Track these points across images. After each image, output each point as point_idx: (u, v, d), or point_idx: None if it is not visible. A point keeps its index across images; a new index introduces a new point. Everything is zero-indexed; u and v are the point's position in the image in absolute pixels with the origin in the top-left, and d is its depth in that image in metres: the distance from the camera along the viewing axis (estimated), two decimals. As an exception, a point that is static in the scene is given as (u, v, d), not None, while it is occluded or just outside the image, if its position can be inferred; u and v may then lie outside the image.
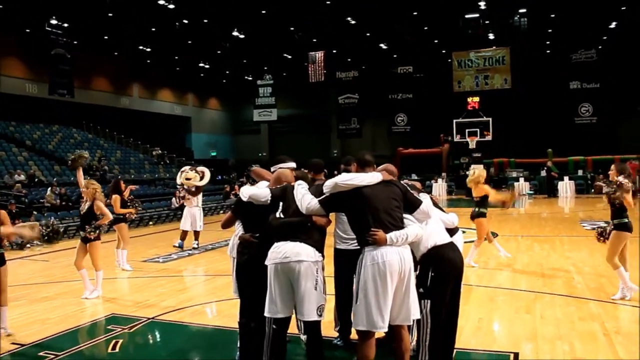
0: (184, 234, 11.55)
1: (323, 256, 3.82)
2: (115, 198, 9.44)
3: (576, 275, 7.60)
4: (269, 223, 3.87)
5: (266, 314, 3.80)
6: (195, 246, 11.46)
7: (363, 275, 3.54)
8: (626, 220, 6.07)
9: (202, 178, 11.06)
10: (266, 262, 3.77)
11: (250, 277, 4.03)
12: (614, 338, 4.90)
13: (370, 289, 3.50)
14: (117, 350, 5.01)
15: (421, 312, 3.77)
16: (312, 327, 3.77)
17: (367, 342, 3.59)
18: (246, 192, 4.05)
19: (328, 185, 3.67)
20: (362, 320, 3.52)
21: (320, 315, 3.75)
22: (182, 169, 11.32)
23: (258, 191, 3.97)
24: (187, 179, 10.95)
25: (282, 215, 3.86)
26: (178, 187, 11.65)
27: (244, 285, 4.11)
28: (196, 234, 11.59)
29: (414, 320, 3.90)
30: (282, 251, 3.69)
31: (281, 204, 3.90)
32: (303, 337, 4.91)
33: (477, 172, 8.22)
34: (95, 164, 23.09)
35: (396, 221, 3.61)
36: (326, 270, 4.01)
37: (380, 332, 3.70)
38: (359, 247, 4.19)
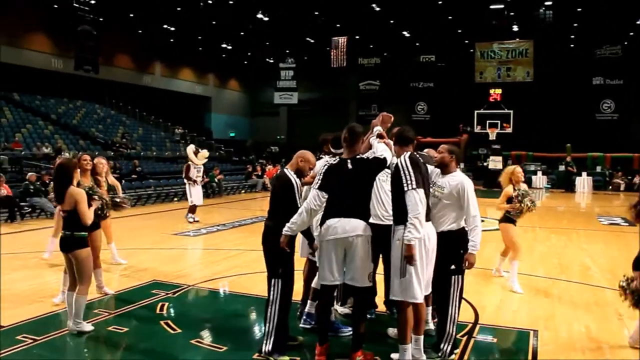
0: (194, 208, 12.29)
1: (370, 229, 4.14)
2: None
3: (592, 266, 7.86)
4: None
5: (322, 282, 4.15)
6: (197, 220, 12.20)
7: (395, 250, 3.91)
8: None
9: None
10: (325, 238, 4.06)
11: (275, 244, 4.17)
12: (627, 323, 5.16)
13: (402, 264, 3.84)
14: (164, 312, 5.41)
15: (453, 288, 4.19)
16: (362, 292, 4.14)
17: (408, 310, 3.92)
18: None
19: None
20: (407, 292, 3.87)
21: (371, 281, 4.16)
22: (192, 148, 12.30)
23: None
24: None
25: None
26: (198, 167, 12.28)
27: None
28: (196, 208, 12.41)
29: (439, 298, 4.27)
30: (339, 227, 3.99)
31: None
32: (339, 308, 5.27)
33: None
34: (118, 140, 23.58)
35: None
36: None
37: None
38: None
